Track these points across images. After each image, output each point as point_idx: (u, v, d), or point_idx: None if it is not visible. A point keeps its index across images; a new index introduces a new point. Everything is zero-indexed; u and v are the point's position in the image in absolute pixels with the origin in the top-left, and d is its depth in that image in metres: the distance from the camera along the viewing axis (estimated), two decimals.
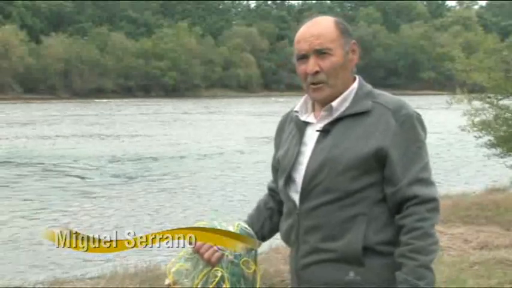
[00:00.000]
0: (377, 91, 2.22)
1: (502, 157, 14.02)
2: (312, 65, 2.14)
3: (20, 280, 7.84)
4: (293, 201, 2.18)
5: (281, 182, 2.24)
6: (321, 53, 2.13)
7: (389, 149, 2.08)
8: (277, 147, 2.35)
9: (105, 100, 59.98)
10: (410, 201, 2.06)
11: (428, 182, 2.10)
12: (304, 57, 2.16)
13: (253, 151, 22.23)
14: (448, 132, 25.69)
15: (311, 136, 2.19)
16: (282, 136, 2.34)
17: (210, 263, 2.22)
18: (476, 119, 13.41)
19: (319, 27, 2.16)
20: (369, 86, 2.22)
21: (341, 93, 2.16)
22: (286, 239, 2.26)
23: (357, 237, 2.07)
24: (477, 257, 6.28)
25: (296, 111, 2.26)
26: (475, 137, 13.51)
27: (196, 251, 2.23)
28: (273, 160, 2.37)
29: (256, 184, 14.75)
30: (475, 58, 13.65)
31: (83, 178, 16.64)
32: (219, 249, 2.22)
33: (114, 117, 38.33)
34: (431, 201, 2.07)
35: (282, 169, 2.25)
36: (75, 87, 67.44)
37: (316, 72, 2.14)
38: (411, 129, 2.11)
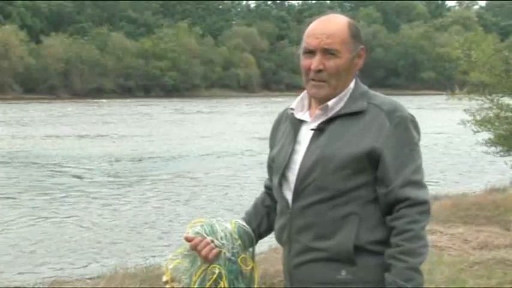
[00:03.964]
0: (372, 92, 2.22)
1: (502, 156, 14.05)
2: (317, 62, 2.15)
3: (20, 280, 7.85)
4: (286, 200, 2.19)
5: (275, 181, 2.24)
6: (328, 52, 2.14)
7: (383, 150, 2.08)
8: (272, 145, 2.36)
9: (105, 100, 59.97)
10: (401, 203, 2.07)
11: (420, 185, 2.10)
12: (310, 53, 2.17)
13: (253, 151, 22.22)
14: (448, 133, 25.70)
15: (305, 135, 2.19)
16: (276, 134, 2.34)
17: (208, 260, 2.22)
18: (478, 117, 13.47)
19: (332, 27, 2.17)
20: (364, 87, 2.23)
21: (339, 94, 2.17)
22: (279, 238, 2.27)
23: (348, 237, 2.07)
24: (477, 257, 6.27)
25: (292, 109, 2.26)
26: (473, 131, 13.57)
27: (194, 248, 2.23)
28: (268, 159, 2.37)
29: (256, 184, 14.74)
30: (478, 54, 13.70)
31: (82, 178, 16.64)
32: (216, 246, 2.22)
33: (114, 117, 38.32)
34: (422, 204, 2.08)
35: (276, 168, 2.25)
36: (75, 87, 67.42)
37: (319, 71, 2.15)
38: (405, 131, 2.12)
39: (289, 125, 2.26)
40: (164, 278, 2.26)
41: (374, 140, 2.09)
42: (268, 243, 2.76)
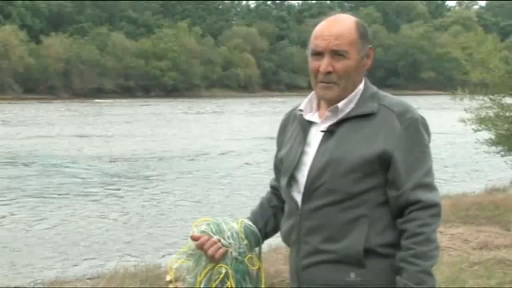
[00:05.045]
0: (382, 93, 2.21)
1: (502, 155, 14.07)
2: (325, 64, 2.13)
3: (20, 280, 7.84)
4: (295, 202, 2.18)
5: (284, 182, 2.23)
6: (337, 54, 2.13)
7: (394, 152, 2.07)
8: (279, 145, 2.34)
9: (105, 100, 59.95)
10: (413, 205, 2.06)
11: (431, 187, 2.10)
12: (319, 54, 2.15)
13: (253, 151, 22.22)
14: (448, 133, 25.69)
15: (315, 136, 2.18)
16: (285, 135, 2.32)
17: (214, 260, 2.21)
18: (479, 116, 13.50)
19: (340, 27, 2.15)
20: (374, 88, 2.21)
21: (348, 95, 2.16)
22: (286, 239, 2.26)
23: (358, 239, 2.07)
24: (477, 257, 6.27)
25: (300, 110, 2.24)
26: (473, 129, 13.60)
27: (200, 246, 2.22)
28: (275, 159, 2.36)
29: (257, 184, 14.74)
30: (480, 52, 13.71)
31: (82, 178, 16.62)
32: (223, 245, 2.21)
33: (114, 117, 38.31)
34: (433, 207, 2.07)
35: (285, 169, 2.24)
36: (75, 87, 67.37)
37: (329, 73, 2.13)
38: (416, 133, 2.11)
39: (298, 126, 2.24)
40: (168, 278, 2.25)
41: (385, 142, 2.08)
42: (268, 243, 2.76)
